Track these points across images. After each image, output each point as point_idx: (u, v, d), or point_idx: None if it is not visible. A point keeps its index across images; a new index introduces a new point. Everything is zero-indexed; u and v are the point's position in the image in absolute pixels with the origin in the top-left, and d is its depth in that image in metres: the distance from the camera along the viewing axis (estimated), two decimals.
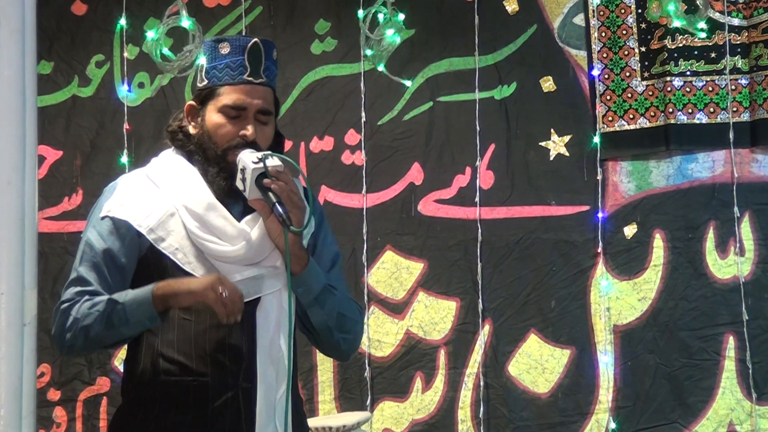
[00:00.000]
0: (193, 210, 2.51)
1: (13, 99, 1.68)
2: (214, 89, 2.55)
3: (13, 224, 1.69)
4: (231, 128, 2.54)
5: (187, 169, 2.57)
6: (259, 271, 2.50)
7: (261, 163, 2.44)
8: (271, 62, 2.60)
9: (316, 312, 2.56)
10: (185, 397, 2.48)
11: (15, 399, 1.70)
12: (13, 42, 1.70)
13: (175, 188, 2.53)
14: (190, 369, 2.49)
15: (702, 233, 4.42)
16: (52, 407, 4.71)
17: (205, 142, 2.56)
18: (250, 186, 2.45)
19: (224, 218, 2.51)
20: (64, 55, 4.84)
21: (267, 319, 2.51)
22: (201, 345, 2.49)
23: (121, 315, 2.43)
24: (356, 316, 2.67)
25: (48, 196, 4.72)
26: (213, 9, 4.76)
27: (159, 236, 2.51)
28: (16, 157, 1.69)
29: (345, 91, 4.69)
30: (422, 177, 4.63)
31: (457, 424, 4.50)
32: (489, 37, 4.62)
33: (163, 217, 2.52)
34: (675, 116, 4.41)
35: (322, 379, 4.59)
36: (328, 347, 2.67)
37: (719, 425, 4.33)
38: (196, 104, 2.60)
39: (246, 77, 2.55)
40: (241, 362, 2.49)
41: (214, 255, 2.49)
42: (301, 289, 2.53)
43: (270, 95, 2.60)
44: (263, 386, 2.48)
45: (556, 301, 4.51)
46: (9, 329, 1.69)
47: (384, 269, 4.61)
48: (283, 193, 2.44)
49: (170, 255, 2.50)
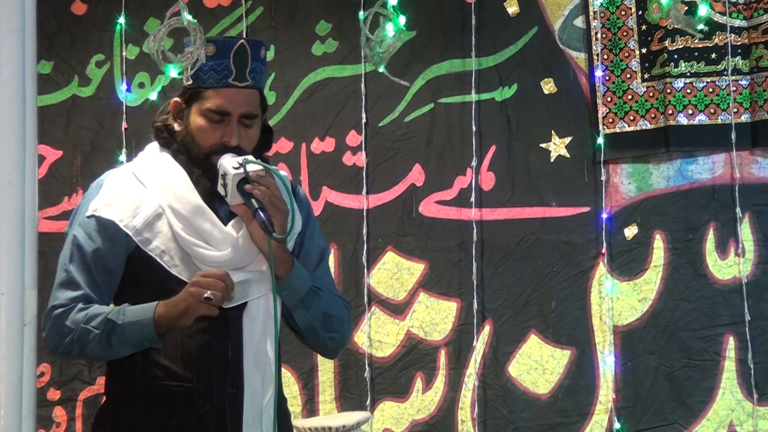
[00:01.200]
0: (180, 212, 2.49)
1: (13, 99, 1.68)
2: (199, 91, 2.52)
3: (13, 224, 1.69)
4: (214, 132, 2.51)
5: (174, 168, 2.55)
6: (246, 275, 2.48)
7: (241, 168, 2.42)
8: (259, 62, 2.56)
9: (301, 314, 2.55)
10: (171, 402, 2.47)
11: (15, 399, 1.70)
12: (13, 42, 1.70)
13: (162, 188, 2.51)
14: (175, 374, 2.47)
15: (702, 234, 4.42)
16: (52, 407, 4.71)
17: (189, 142, 2.54)
18: (231, 192, 2.43)
19: (211, 222, 2.49)
20: (64, 55, 4.84)
21: (253, 323, 2.49)
22: (187, 350, 2.47)
23: (120, 336, 2.42)
24: (343, 314, 2.65)
25: (48, 196, 4.72)
26: (214, 10, 4.76)
27: (146, 237, 2.49)
28: (16, 156, 1.69)
29: (346, 93, 4.69)
30: (423, 178, 4.63)
31: (457, 424, 4.50)
32: (490, 39, 4.62)
33: (150, 218, 2.50)
34: (675, 118, 4.41)
35: (323, 380, 4.59)
36: (315, 346, 2.66)
37: (719, 426, 4.33)
38: (181, 102, 2.58)
39: (231, 81, 2.51)
40: (227, 368, 2.48)
41: (201, 259, 2.47)
42: (286, 292, 2.51)
43: (255, 97, 2.57)
44: (249, 392, 2.47)
45: (556, 301, 4.50)
46: (9, 329, 1.69)
47: (385, 270, 4.61)
48: (265, 198, 2.42)
49: (156, 257, 2.48)
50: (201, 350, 2.47)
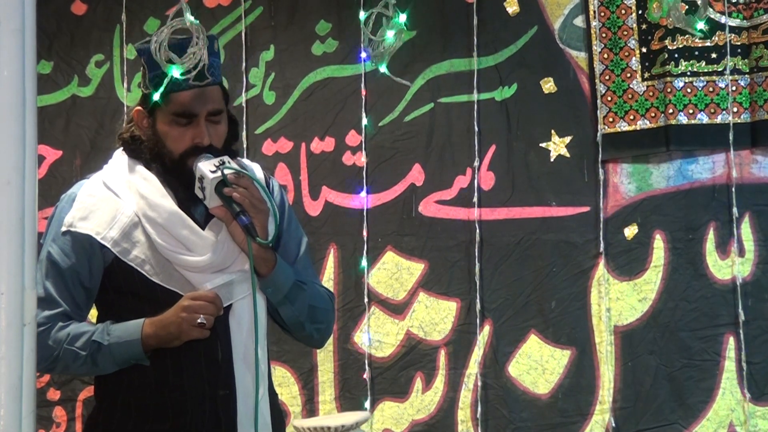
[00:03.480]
0: (156, 221, 2.47)
1: (13, 99, 1.67)
2: (160, 95, 2.50)
3: (13, 224, 1.68)
4: (184, 136, 2.50)
5: (145, 175, 2.53)
6: (229, 277, 2.47)
7: (219, 171, 2.42)
8: (215, 57, 2.54)
9: (286, 309, 2.55)
10: (163, 407, 2.46)
11: (15, 399, 1.69)
12: (13, 42, 1.69)
13: (136, 197, 2.49)
14: (166, 379, 2.47)
15: (702, 234, 4.42)
16: (52, 407, 4.71)
17: (160, 150, 2.52)
18: (210, 195, 2.42)
19: (189, 228, 2.47)
20: (63, 55, 4.84)
21: (240, 324, 2.48)
22: (176, 355, 2.46)
23: (107, 356, 2.41)
24: (327, 305, 2.65)
25: (48, 196, 4.71)
26: (213, 9, 4.77)
27: (124, 248, 2.47)
28: (16, 157, 1.69)
29: (346, 92, 4.69)
30: (423, 178, 4.63)
31: (457, 424, 4.50)
32: (490, 39, 4.63)
33: (126, 228, 2.48)
34: (675, 117, 4.41)
35: (323, 380, 4.59)
36: (301, 338, 2.67)
37: (719, 426, 4.33)
38: (143, 110, 2.56)
39: (192, 82, 2.49)
40: (218, 370, 2.48)
41: (182, 265, 2.46)
42: (270, 290, 2.50)
43: (218, 92, 2.55)
44: (241, 392, 2.47)
45: (556, 301, 4.51)
46: (9, 329, 1.68)
47: (385, 270, 4.61)
48: (245, 200, 2.41)
49: (137, 267, 2.47)
50: (190, 354, 2.47)
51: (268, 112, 4.73)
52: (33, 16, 1.75)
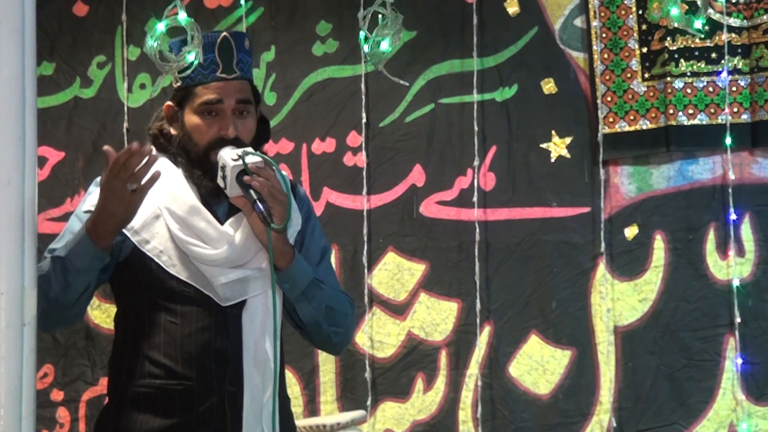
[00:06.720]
0: (176, 213, 2.49)
1: (12, 99, 1.68)
2: (189, 90, 2.53)
3: (13, 224, 1.69)
4: (210, 127, 2.51)
5: (171, 170, 2.55)
6: (244, 273, 2.47)
7: (240, 160, 2.42)
8: (244, 54, 2.56)
9: (303, 307, 2.54)
10: (170, 400, 2.47)
11: (15, 399, 1.70)
12: (13, 42, 1.70)
13: (160, 190, 2.50)
14: (175, 372, 2.47)
15: (702, 234, 4.42)
16: (55, 408, 4.72)
17: (187, 143, 2.54)
18: (230, 183, 2.43)
19: (207, 221, 2.48)
20: (65, 56, 4.85)
21: (253, 321, 2.48)
22: (186, 349, 2.47)
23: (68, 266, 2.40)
24: (346, 308, 2.63)
25: (50, 197, 4.73)
26: (214, 10, 4.77)
27: (143, 238, 2.49)
28: (16, 157, 1.70)
29: (346, 93, 4.70)
30: (424, 179, 4.63)
31: (458, 424, 4.51)
32: (490, 39, 4.63)
33: (148, 219, 2.50)
34: (676, 117, 4.42)
35: (324, 380, 4.60)
36: (319, 341, 2.64)
37: (720, 426, 4.33)
38: (174, 106, 2.58)
39: (219, 74, 2.52)
40: (226, 366, 2.47)
41: (198, 258, 2.47)
42: (287, 285, 2.50)
43: (247, 86, 2.56)
44: (249, 390, 2.46)
45: (557, 302, 4.51)
46: (9, 329, 1.69)
47: (386, 270, 4.62)
48: (263, 189, 2.41)
49: (155, 257, 2.48)
50: (200, 348, 2.47)
51: (269, 113, 4.72)
52: (33, 16, 1.76)
